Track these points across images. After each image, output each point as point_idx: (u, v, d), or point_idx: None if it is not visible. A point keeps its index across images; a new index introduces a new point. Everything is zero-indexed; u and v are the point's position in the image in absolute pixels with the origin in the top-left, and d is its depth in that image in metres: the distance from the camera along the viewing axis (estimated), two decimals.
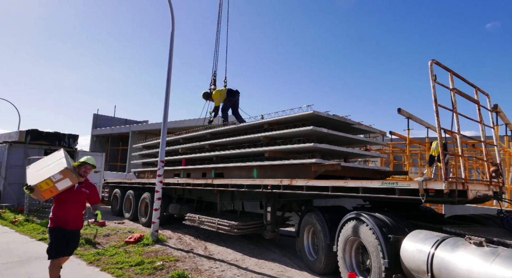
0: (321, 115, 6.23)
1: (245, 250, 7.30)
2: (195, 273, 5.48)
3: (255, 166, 7.21)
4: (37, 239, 7.71)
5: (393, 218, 4.66)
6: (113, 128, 23.63)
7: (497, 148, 5.57)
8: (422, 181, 4.20)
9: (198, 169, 9.02)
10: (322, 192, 5.42)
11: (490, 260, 3.27)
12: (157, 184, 8.02)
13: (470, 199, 4.21)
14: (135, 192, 11.10)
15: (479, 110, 5.08)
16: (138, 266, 5.69)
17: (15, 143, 13.23)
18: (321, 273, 5.64)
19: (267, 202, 7.04)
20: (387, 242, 4.32)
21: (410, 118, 11.04)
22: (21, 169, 12.44)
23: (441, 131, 4.25)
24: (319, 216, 5.79)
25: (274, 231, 7.01)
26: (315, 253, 5.98)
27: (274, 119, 7.12)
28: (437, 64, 4.46)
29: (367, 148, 8.31)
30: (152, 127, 20.26)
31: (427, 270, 3.80)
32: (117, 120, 27.19)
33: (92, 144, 24.98)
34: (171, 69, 8.51)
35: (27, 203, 10.68)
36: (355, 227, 4.87)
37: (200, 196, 9.16)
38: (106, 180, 14.60)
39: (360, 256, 4.96)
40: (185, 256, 6.59)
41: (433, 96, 4.24)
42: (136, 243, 7.42)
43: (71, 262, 5.99)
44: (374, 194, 4.83)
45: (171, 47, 8.51)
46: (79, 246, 6.99)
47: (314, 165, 6.04)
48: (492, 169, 4.79)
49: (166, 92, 8.38)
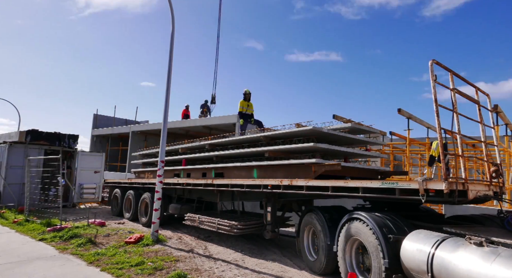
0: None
1: (245, 250, 7.30)
2: (195, 273, 5.48)
3: (255, 166, 7.21)
4: (37, 239, 7.71)
5: (393, 218, 4.66)
6: (113, 128, 23.61)
7: (497, 148, 5.57)
8: (422, 181, 4.20)
9: (198, 169, 9.02)
10: (322, 192, 5.42)
11: (490, 260, 3.26)
12: (157, 184, 8.02)
13: (470, 199, 4.21)
14: (135, 192, 11.10)
15: (479, 110, 5.07)
16: (138, 266, 5.68)
17: (15, 143, 13.24)
18: (321, 273, 5.64)
19: (267, 202, 7.03)
20: (387, 242, 4.32)
21: (410, 118, 11.04)
22: (21, 169, 12.47)
23: (441, 131, 4.25)
24: (319, 216, 5.79)
25: (274, 231, 7.01)
26: (315, 253, 5.97)
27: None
28: (438, 64, 4.45)
29: (367, 148, 8.31)
30: (152, 127, 20.21)
31: (427, 270, 3.79)
32: (117, 120, 27.16)
33: (92, 144, 24.95)
34: (171, 69, 8.51)
35: (27, 203, 10.67)
36: (355, 227, 4.87)
37: (200, 196, 9.16)
38: (106, 180, 14.61)
39: (360, 256, 4.96)
40: (185, 256, 6.59)
41: (433, 96, 4.24)
42: (136, 243, 7.42)
43: (71, 262, 6.01)
44: (374, 194, 4.82)
45: (171, 47, 8.51)
46: (79, 246, 7.02)
47: (314, 165, 6.04)
48: (492, 169, 4.79)
49: (166, 92, 8.37)
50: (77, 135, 14.67)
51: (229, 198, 8.57)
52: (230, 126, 15.51)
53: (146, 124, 23.31)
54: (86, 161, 14.67)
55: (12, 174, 12.73)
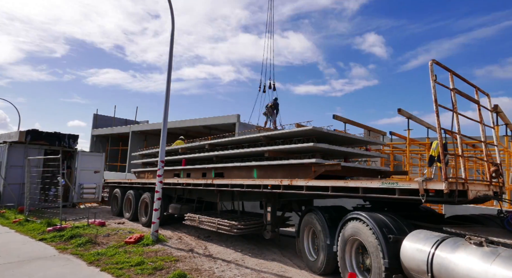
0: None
1: (245, 250, 7.30)
2: (195, 273, 5.48)
3: (255, 166, 7.21)
4: (37, 239, 7.71)
5: (393, 218, 4.67)
6: (113, 128, 23.62)
7: (497, 148, 5.57)
8: (422, 181, 4.20)
9: (198, 169, 9.03)
10: (322, 192, 5.42)
11: (490, 260, 3.26)
12: (157, 184, 8.02)
13: (470, 199, 4.22)
14: (135, 192, 11.11)
15: (479, 110, 5.07)
16: (138, 266, 5.68)
17: (15, 143, 13.24)
18: (321, 273, 5.64)
19: (267, 202, 7.03)
20: (387, 242, 4.32)
21: (410, 118, 11.04)
22: (21, 169, 12.47)
23: (441, 131, 4.25)
24: (319, 216, 5.79)
25: (274, 231, 7.01)
26: (315, 253, 5.97)
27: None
28: (437, 64, 4.45)
29: (367, 148, 8.31)
30: (152, 127, 20.23)
31: (427, 270, 3.79)
32: (117, 120, 27.19)
33: (92, 144, 24.98)
34: (171, 69, 8.51)
35: (27, 203, 10.67)
36: (355, 227, 4.87)
37: (200, 196, 9.16)
38: (106, 180, 14.62)
39: (360, 256, 4.96)
40: (185, 256, 6.59)
41: (433, 96, 4.24)
42: (136, 243, 7.42)
43: (71, 262, 6.01)
44: (374, 194, 4.83)
45: (171, 47, 8.51)
46: (79, 246, 7.02)
47: (314, 165, 6.04)
48: (492, 169, 4.79)
49: (166, 92, 8.37)
50: (77, 135, 14.69)
51: (229, 198, 8.58)
52: (230, 126, 15.52)
53: (146, 124, 23.33)
54: (86, 161, 14.68)
55: (12, 174, 12.73)
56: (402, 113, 10.62)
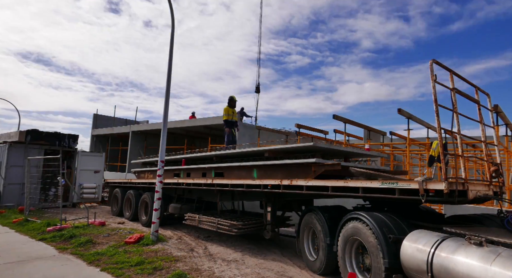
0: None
1: (245, 250, 7.30)
2: (195, 273, 5.47)
3: (255, 166, 7.21)
4: (37, 239, 7.71)
5: (393, 218, 4.66)
6: (113, 128, 23.60)
7: (497, 148, 5.57)
8: (422, 181, 4.19)
9: (198, 168, 9.03)
10: (322, 192, 5.42)
11: (490, 260, 3.26)
12: (157, 184, 8.02)
13: (470, 199, 4.21)
14: (135, 192, 11.11)
15: (479, 110, 5.07)
16: (138, 266, 5.68)
17: (15, 143, 13.24)
18: (321, 273, 5.63)
19: (267, 202, 7.03)
20: (387, 242, 4.32)
21: (410, 118, 11.03)
22: (21, 169, 12.47)
23: (441, 131, 4.25)
24: (319, 216, 5.79)
25: (274, 231, 7.01)
26: (315, 253, 5.97)
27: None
28: (437, 64, 4.45)
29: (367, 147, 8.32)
30: (152, 127, 20.22)
31: (427, 270, 3.79)
32: (117, 120, 27.18)
33: (92, 144, 24.96)
34: (171, 69, 8.51)
35: (27, 203, 10.68)
36: (355, 227, 4.87)
37: (200, 196, 9.16)
38: (106, 180, 14.63)
39: (360, 256, 4.95)
40: (185, 256, 6.59)
41: (433, 96, 4.23)
42: (136, 243, 7.42)
43: (71, 262, 6.01)
44: (374, 194, 4.83)
45: (171, 47, 8.51)
46: (79, 246, 7.02)
47: (314, 165, 6.04)
48: (492, 169, 4.79)
49: (166, 92, 8.37)
50: (77, 135, 14.69)
51: (229, 198, 8.57)
52: None
53: (146, 124, 23.35)
54: (86, 161, 14.68)
55: (12, 174, 12.73)
56: (402, 113, 10.61)
